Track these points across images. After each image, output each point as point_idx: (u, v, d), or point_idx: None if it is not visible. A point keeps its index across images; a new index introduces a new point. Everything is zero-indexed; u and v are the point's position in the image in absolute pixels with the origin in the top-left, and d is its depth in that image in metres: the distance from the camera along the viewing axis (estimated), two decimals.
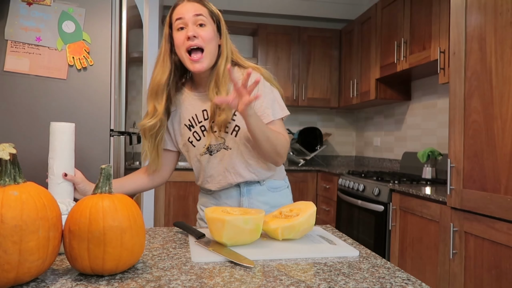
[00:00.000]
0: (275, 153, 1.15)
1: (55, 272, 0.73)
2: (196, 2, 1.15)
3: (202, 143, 1.22)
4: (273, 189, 1.27)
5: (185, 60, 1.14)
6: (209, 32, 1.14)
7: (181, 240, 0.97)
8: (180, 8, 1.15)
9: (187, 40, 1.11)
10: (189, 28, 1.12)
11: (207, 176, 1.24)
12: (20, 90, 1.44)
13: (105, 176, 0.75)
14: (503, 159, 1.47)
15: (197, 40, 1.12)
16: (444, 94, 2.88)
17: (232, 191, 1.25)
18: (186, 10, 1.13)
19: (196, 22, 1.13)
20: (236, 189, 1.24)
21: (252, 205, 1.24)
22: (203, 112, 1.21)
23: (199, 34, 1.12)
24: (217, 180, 1.23)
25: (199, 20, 1.13)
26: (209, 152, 1.22)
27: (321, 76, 4.01)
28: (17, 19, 1.44)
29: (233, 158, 1.20)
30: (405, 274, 0.75)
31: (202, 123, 1.21)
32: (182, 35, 1.13)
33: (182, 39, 1.13)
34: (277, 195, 1.28)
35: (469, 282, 1.64)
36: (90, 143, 1.49)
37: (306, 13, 4.12)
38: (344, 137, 4.43)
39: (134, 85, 1.91)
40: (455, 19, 1.74)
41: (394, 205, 2.31)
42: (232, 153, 1.19)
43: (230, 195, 1.25)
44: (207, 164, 1.23)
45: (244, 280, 0.70)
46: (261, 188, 1.25)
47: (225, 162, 1.21)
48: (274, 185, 1.28)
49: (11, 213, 0.61)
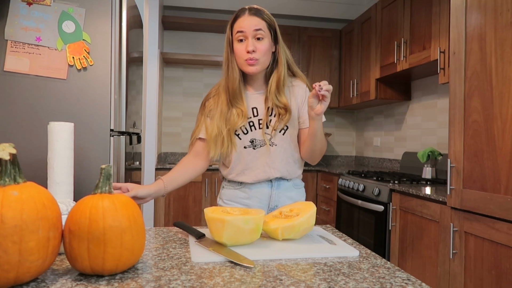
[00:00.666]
0: (321, 153, 1.32)
1: (55, 272, 0.73)
2: (256, 17, 1.28)
3: (248, 137, 1.33)
4: (297, 186, 1.42)
5: (242, 64, 1.30)
6: (266, 45, 1.28)
7: (181, 240, 0.97)
8: (242, 21, 1.28)
9: (247, 53, 1.26)
10: (249, 42, 1.26)
11: (245, 168, 1.34)
12: (20, 90, 1.44)
13: (105, 176, 0.75)
14: (503, 159, 1.47)
15: (254, 54, 1.27)
16: (444, 94, 2.88)
17: (265, 185, 1.35)
18: (247, 25, 1.26)
19: (255, 36, 1.27)
20: (268, 183, 1.35)
21: (279, 199, 1.36)
22: (253, 109, 1.34)
23: (257, 48, 1.27)
24: (255, 173, 1.33)
25: (258, 34, 1.27)
26: (253, 146, 1.33)
27: (321, 76, 4.01)
28: (17, 19, 1.44)
29: (276, 154, 1.33)
30: (405, 274, 0.75)
31: (251, 119, 1.33)
32: (242, 47, 1.27)
33: (242, 51, 1.27)
34: (300, 192, 1.43)
35: (469, 282, 1.64)
36: (90, 143, 1.49)
37: (306, 13, 4.12)
38: (344, 137, 4.43)
39: (134, 85, 1.90)
40: (455, 19, 1.74)
41: (394, 205, 2.31)
42: (276, 149, 1.33)
43: (261, 189, 1.35)
44: (248, 156, 1.33)
45: (244, 280, 0.70)
46: (288, 184, 1.38)
47: (267, 157, 1.33)
48: (297, 183, 1.42)
49: (11, 213, 0.61)
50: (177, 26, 3.88)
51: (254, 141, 1.33)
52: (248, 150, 1.33)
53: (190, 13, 4.01)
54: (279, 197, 1.36)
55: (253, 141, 1.33)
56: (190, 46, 4.03)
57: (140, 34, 2.13)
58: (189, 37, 4.03)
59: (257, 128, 1.33)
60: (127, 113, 1.69)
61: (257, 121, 1.34)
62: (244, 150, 1.33)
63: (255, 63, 1.28)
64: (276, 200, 1.36)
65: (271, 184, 1.36)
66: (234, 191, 1.38)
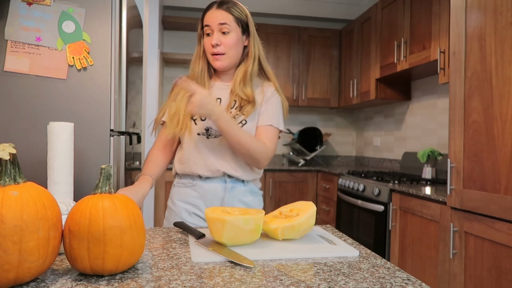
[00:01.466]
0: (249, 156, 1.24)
1: (55, 272, 0.73)
2: (223, 10, 1.27)
3: (204, 124, 1.29)
4: (253, 192, 1.36)
5: (210, 59, 1.31)
6: (231, 39, 1.27)
7: (181, 240, 0.97)
8: (208, 15, 1.28)
9: (212, 47, 1.26)
10: (213, 37, 1.26)
11: (197, 158, 1.29)
12: (20, 90, 1.44)
13: (105, 176, 0.75)
14: (503, 159, 1.47)
15: (219, 48, 1.26)
16: (444, 94, 2.88)
17: (218, 185, 1.30)
18: (212, 18, 1.26)
19: (220, 30, 1.26)
20: (222, 184, 1.30)
21: (233, 204, 1.31)
22: (217, 100, 1.31)
23: (221, 42, 1.26)
24: (207, 164, 1.28)
25: (223, 28, 1.26)
26: (207, 135, 1.29)
27: (321, 76, 4.01)
28: (17, 19, 1.43)
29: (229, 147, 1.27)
30: (405, 274, 0.75)
31: None
32: (208, 41, 1.28)
33: (208, 45, 1.28)
34: (257, 199, 1.37)
35: (469, 282, 1.64)
36: (90, 143, 1.48)
37: (306, 13, 4.12)
38: (344, 137, 4.43)
39: (134, 85, 1.90)
40: (455, 19, 1.74)
41: (394, 205, 2.31)
42: None
43: (214, 189, 1.29)
44: (201, 145, 1.29)
45: (244, 280, 0.70)
46: (244, 189, 1.33)
47: (219, 148, 1.28)
48: (254, 189, 1.37)
49: (11, 213, 0.61)
50: (177, 26, 3.88)
51: (210, 129, 1.29)
52: (201, 138, 1.29)
53: (190, 13, 4.01)
54: (233, 201, 1.30)
55: (208, 129, 1.29)
56: (190, 46, 4.03)
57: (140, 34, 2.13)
58: (189, 37, 4.03)
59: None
60: (127, 113, 1.69)
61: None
62: (197, 137, 1.29)
63: (220, 58, 1.27)
64: (229, 204, 1.30)
65: (225, 184, 1.30)
66: (185, 190, 1.32)
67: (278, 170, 3.61)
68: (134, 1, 1.80)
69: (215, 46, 1.26)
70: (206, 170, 1.28)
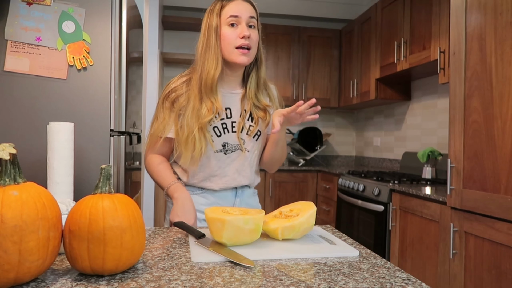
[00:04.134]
0: (280, 161, 1.31)
1: (55, 272, 0.73)
2: (249, 4, 1.18)
3: (221, 140, 1.20)
4: (255, 193, 1.38)
5: (232, 53, 1.14)
6: (257, 36, 1.18)
7: (181, 240, 0.97)
8: (236, 5, 1.15)
9: (241, 38, 1.13)
10: (243, 28, 1.13)
11: (212, 175, 1.22)
12: (20, 90, 1.44)
13: (105, 176, 0.75)
14: (503, 159, 1.47)
15: (249, 41, 1.14)
16: (444, 94, 2.88)
17: (229, 192, 1.27)
18: (242, 9, 1.14)
19: (248, 23, 1.15)
20: (233, 190, 1.28)
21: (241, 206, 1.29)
22: (226, 110, 1.21)
23: (251, 36, 1.15)
24: (223, 181, 1.22)
25: (251, 22, 1.16)
26: (224, 151, 1.21)
27: (321, 76, 4.01)
28: (17, 19, 1.44)
29: (248, 160, 1.25)
30: (405, 274, 0.75)
31: (224, 120, 1.20)
32: (234, 32, 1.14)
33: (234, 36, 1.13)
34: (256, 199, 1.39)
35: (469, 282, 1.64)
36: (90, 143, 1.49)
37: (306, 13, 4.12)
38: (344, 137, 4.43)
39: (134, 85, 1.90)
40: (455, 19, 1.74)
41: (394, 205, 2.31)
42: (248, 155, 1.24)
43: (225, 197, 1.27)
44: (218, 162, 1.21)
45: (244, 280, 0.70)
46: (250, 191, 1.33)
47: (238, 163, 1.23)
48: (255, 190, 1.39)
49: (11, 213, 0.61)
50: (177, 26, 3.88)
51: (226, 145, 1.20)
52: (219, 155, 1.20)
53: (190, 13, 4.01)
54: (241, 204, 1.28)
55: (225, 145, 1.20)
56: (190, 46, 4.01)
57: (140, 34, 2.13)
58: (189, 37, 4.03)
59: (230, 131, 1.20)
60: (127, 113, 1.69)
61: (230, 123, 1.21)
62: (214, 154, 1.19)
63: (248, 53, 1.14)
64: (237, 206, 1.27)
65: (236, 191, 1.27)
66: (194, 196, 1.23)
67: (278, 170, 3.61)
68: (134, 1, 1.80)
69: (246, 38, 1.13)
70: (223, 187, 1.24)
